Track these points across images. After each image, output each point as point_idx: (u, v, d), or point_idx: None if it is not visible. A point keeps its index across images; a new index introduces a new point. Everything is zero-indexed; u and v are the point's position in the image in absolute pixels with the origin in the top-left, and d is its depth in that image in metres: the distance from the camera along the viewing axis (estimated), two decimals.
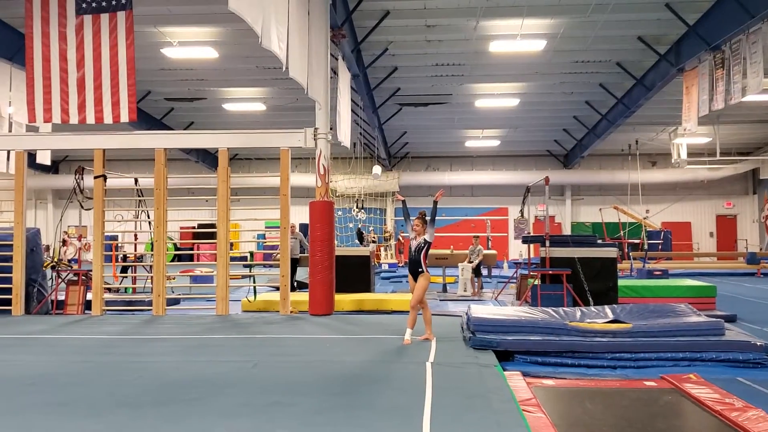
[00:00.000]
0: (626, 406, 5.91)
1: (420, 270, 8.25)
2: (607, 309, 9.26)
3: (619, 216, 25.47)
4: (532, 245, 15.17)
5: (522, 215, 16.86)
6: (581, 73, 18.47)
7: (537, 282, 12.48)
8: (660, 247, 25.13)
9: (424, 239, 8.34)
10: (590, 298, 11.92)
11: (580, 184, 30.64)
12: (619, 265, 14.29)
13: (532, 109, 22.47)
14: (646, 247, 22.70)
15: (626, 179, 27.69)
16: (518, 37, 15.40)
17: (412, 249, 8.36)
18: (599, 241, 13.62)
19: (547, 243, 12.72)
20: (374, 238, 26.37)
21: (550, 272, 12.41)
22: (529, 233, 16.35)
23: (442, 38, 15.76)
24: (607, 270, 12.40)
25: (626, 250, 23.14)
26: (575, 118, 23.81)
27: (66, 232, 25.51)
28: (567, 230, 30.03)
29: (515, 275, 15.89)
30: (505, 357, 7.66)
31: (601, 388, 6.57)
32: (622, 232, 24.59)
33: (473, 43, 15.98)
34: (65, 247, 19.50)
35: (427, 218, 8.45)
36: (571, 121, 24.25)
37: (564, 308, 9.51)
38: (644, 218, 26.10)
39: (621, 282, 12.70)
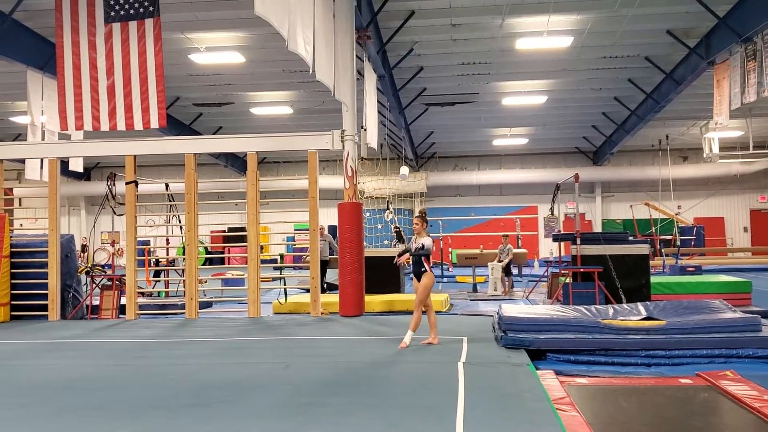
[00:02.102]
0: (662, 404, 5.83)
1: (423, 270, 8.18)
2: (640, 306, 9.13)
3: (651, 212, 25.13)
4: (562, 243, 15.05)
5: (552, 213, 16.71)
6: (609, 68, 18.25)
7: (568, 280, 12.37)
8: (693, 243, 24.70)
9: (423, 244, 8.16)
10: (622, 296, 11.77)
11: (610, 181, 30.29)
12: (651, 262, 14.09)
13: (560, 106, 22.27)
14: (678, 243, 22.37)
15: (657, 175, 27.30)
16: (545, 34, 15.27)
17: (412, 249, 8.26)
18: (631, 238, 13.43)
19: (578, 240, 12.60)
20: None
21: (582, 270, 12.29)
22: (559, 231, 16.23)
23: (467, 37, 15.69)
24: (639, 267, 12.25)
25: (658, 246, 22.82)
26: (604, 115, 23.54)
27: (85, 238, 25.91)
28: (598, 227, 29.71)
29: (546, 274, 15.76)
30: (538, 356, 7.60)
31: (636, 386, 6.49)
32: (653, 229, 24.25)
33: (499, 41, 15.89)
34: (84, 254, 19.80)
35: (427, 218, 8.47)
36: (599, 117, 23.99)
37: (596, 306, 9.40)
38: (676, 214, 25.69)
39: (653, 279, 12.53)
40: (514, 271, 18.16)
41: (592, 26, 14.96)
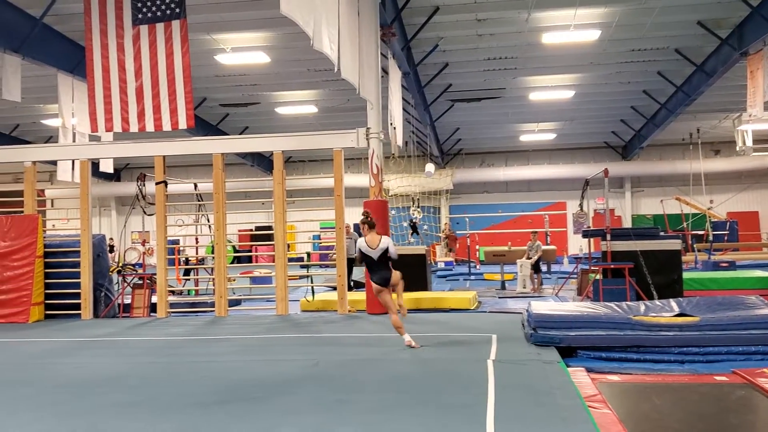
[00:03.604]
0: (696, 401, 5.73)
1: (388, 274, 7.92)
2: (673, 302, 8.99)
3: (682, 207, 24.73)
4: (592, 239, 14.89)
5: (581, 209, 16.54)
6: (638, 61, 18.01)
7: (598, 277, 12.23)
8: (726, 238, 24.24)
9: (387, 247, 7.91)
10: (654, 292, 11.60)
11: (639, 176, 29.93)
12: (683, 258, 13.88)
13: (588, 101, 22.04)
14: (711, 238, 21.99)
15: (688, 169, 26.84)
16: (571, 28, 15.11)
17: (376, 258, 7.92)
18: (662, 234, 13.24)
19: (608, 236, 12.45)
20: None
21: (612, 266, 12.14)
22: (588, 227, 16.04)
23: (493, 32, 15.59)
24: (670, 263, 12.07)
25: (690, 241, 22.46)
26: (633, 108, 23.25)
27: (112, 238, 26.28)
28: (627, 223, 29.36)
29: (576, 270, 15.61)
30: (568, 353, 7.52)
31: (669, 383, 6.38)
32: (685, 224, 23.88)
33: (525, 35, 15.76)
34: (111, 254, 20.02)
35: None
36: (628, 111, 23.69)
37: (627, 302, 9.28)
38: (708, 209, 25.27)
39: (686, 275, 12.35)
40: (543, 268, 18.01)
41: (619, 19, 14.76)
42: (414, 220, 25.54)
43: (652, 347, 7.49)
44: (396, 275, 7.96)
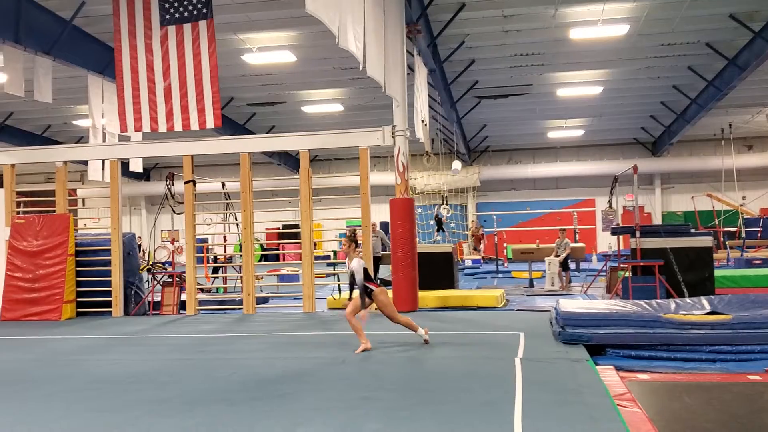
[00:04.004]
0: (728, 400, 5.63)
1: (370, 291, 7.61)
2: (704, 300, 8.85)
3: (713, 203, 24.33)
4: (621, 236, 14.72)
5: (610, 206, 16.36)
6: (668, 56, 17.73)
7: (628, 274, 12.09)
8: (759, 234, 23.81)
9: (353, 272, 7.57)
10: (685, 290, 11.43)
11: (669, 172, 29.49)
12: (714, 255, 13.66)
13: (617, 96, 21.77)
14: (743, 235, 21.62)
15: (720, 165, 26.37)
16: (599, 23, 14.93)
17: (349, 273, 7.71)
18: (693, 230, 13.04)
19: (638, 233, 12.29)
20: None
21: (642, 264, 12.00)
22: (617, 224, 15.88)
23: (520, 28, 15.47)
24: (702, 260, 11.89)
25: (722, 238, 22.11)
26: (663, 104, 22.91)
27: (140, 237, 26.59)
28: (657, 220, 28.95)
29: (605, 268, 15.44)
30: (597, 351, 7.44)
31: (701, 382, 6.29)
32: (716, 221, 23.51)
33: (552, 31, 15.61)
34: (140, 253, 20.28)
35: (360, 241, 7.80)
36: (658, 106, 23.35)
37: (657, 300, 9.16)
38: (741, 205, 24.81)
39: (717, 272, 12.15)
40: (572, 265, 17.84)
41: (648, 13, 14.55)
42: (441, 217, 25.49)
43: (682, 346, 7.38)
44: (378, 301, 7.64)
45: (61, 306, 11.75)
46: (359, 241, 7.90)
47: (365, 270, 7.64)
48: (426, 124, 13.78)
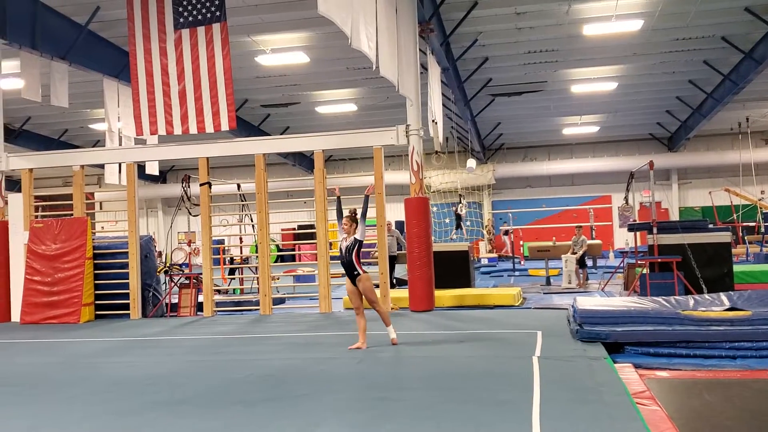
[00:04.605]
0: (749, 397, 5.57)
1: (356, 273, 7.77)
2: (723, 296, 8.76)
3: (731, 198, 24.09)
4: (638, 233, 14.62)
5: (626, 202, 16.24)
6: (683, 51, 17.58)
7: (645, 271, 12.00)
8: None
9: (355, 238, 7.78)
10: (703, 286, 11.33)
11: (686, 167, 29.25)
12: (733, 250, 13.52)
13: (632, 92, 21.62)
14: (762, 230, 21.38)
15: (737, 159, 26.10)
16: (613, 18, 14.83)
17: (343, 250, 7.83)
18: (711, 226, 12.92)
19: (655, 230, 12.20)
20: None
21: (659, 260, 11.90)
22: (634, 221, 15.76)
23: (533, 25, 15.40)
24: (720, 256, 11.78)
25: (740, 234, 21.88)
26: (678, 99, 22.71)
27: (155, 240, 26.80)
28: (674, 216, 28.72)
29: (622, 265, 15.34)
30: (615, 349, 7.39)
31: (721, 379, 6.23)
32: (735, 216, 23.27)
33: (566, 27, 15.53)
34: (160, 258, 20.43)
35: (358, 216, 7.88)
36: (673, 101, 23.16)
37: (675, 297, 9.08)
38: (759, 200, 24.54)
39: (736, 268, 12.04)
40: (589, 263, 17.74)
41: (663, 8, 14.43)
42: (460, 213, 25.45)
43: (702, 342, 7.30)
44: (364, 285, 7.80)
45: (80, 309, 11.84)
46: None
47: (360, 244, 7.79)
48: (436, 123, 13.76)
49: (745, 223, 23.07)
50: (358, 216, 7.93)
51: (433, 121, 13.59)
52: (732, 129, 26.99)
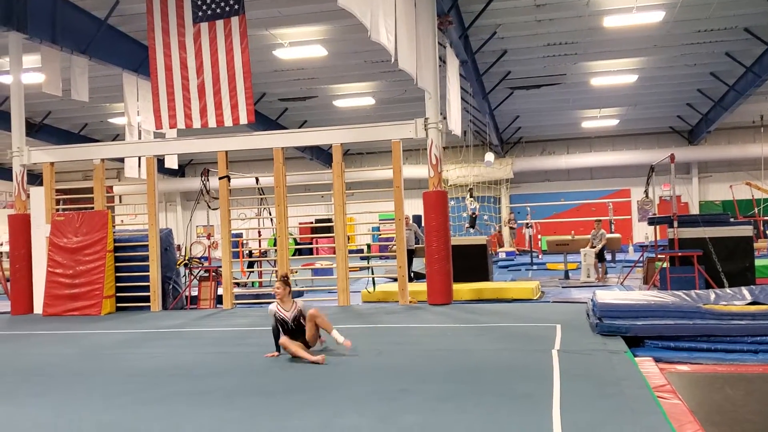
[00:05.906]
0: None
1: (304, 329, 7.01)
2: (745, 290, 8.66)
3: (753, 192, 23.81)
4: (658, 227, 14.50)
5: (646, 196, 16.10)
6: (705, 42, 17.37)
7: (665, 265, 11.90)
8: None
9: (299, 310, 7.04)
10: (724, 280, 11.22)
11: (707, 161, 28.95)
12: (755, 244, 13.37)
13: (652, 85, 21.42)
14: None
15: (759, 153, 25.83)
16: (634, 10, 14.69)
17: (289, 321, 6.99)
18: (732, 220, 12.78)
19: (675, 223, 12.09)
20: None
21: (680, 254, 11.80)
22: (654, 214, 15.63)
23: (552, 17, 15.30)
24: (741, 249, 11.66)
25: (762, 227, 21.62)
26: (699, 92, 22.46)
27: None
28: (695, 209, 28.47)
29: (641, 259, 15.23)
30: (635, 343, 7.34)
31: (743, 373, 6.17)
32: (756, 209, 23.00)
33: (586, 19, 15.40)
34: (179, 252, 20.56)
35: (295, 288, 7.01)
36: (694, 94, 22.90)
37: (696, 291, 8.99)
38: None
39: (758, 262, 11.93)
40: (608, 256, 17.64)
41: None
42: (473, 213, 25.37)
43: (723, 336, 7.22)
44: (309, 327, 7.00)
45: (101, 301, 11.96)
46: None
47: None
48: (445, 118, 13.70)
49: (766, 217, 22.80)
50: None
51: (441, 114, 13.55)
52: (754, 122, 26.68)
